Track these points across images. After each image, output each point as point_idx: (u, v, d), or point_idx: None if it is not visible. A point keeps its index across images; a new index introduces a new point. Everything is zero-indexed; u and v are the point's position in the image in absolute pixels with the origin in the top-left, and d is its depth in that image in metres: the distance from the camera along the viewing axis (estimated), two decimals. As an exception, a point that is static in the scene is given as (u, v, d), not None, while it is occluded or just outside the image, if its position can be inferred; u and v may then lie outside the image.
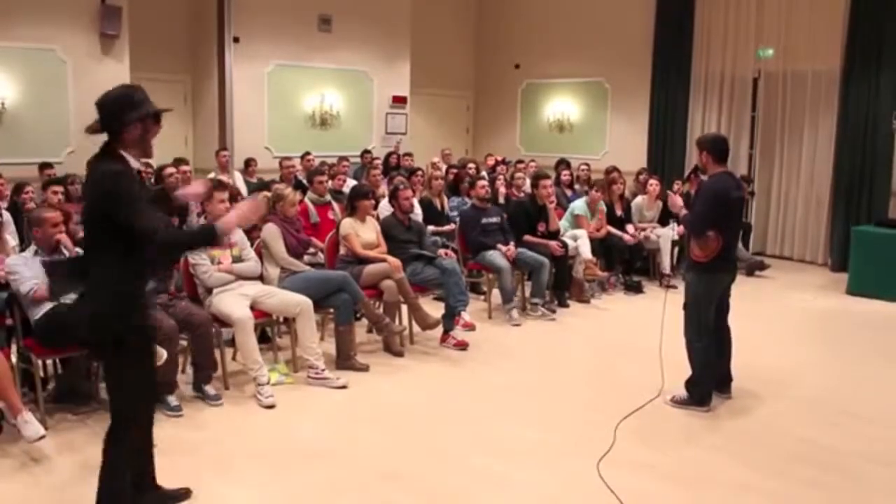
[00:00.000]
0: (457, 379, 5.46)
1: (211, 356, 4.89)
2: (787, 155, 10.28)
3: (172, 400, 4.67)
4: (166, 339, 4.50)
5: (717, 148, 4.80)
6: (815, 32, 9.76)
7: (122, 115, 2.99)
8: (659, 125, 11.33)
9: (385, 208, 6.99)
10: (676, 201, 5.24)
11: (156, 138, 3.16)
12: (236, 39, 10.15)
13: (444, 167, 10.08)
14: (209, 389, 4.83)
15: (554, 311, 7.11)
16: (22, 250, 5.04)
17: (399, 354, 5.86)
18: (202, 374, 4.88)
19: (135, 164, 3.06)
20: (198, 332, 4.82)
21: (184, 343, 4.91)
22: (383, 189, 8.39)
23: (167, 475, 3.87)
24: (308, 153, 9.96)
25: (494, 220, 7.16)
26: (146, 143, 3.08)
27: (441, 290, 6.30)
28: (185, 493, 3.62)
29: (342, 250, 6.03)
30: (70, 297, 3.88)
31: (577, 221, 7.93)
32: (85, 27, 8.94)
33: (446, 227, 7.67)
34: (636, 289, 8.12)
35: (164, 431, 4.33)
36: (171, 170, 7.30)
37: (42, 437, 3.95)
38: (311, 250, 6.18)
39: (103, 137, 3.06)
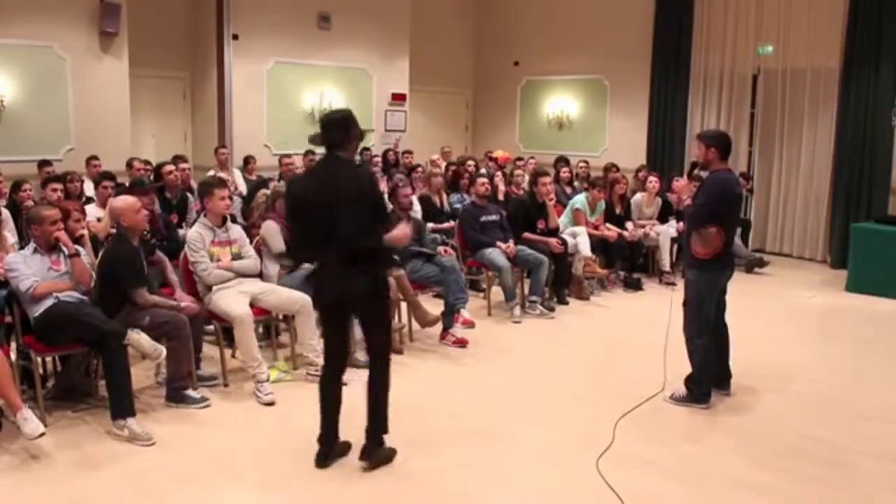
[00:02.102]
0: (456, 376, 5.46)
1: (189, 363, 4.77)
2: (787, 152, 10.27)
3: (194, 393, 4.70)
4: (174, 330, 4.52)
5: (724, 144, 4.78)
6: (814, 29, 9.76)
7: (350, 132, 3.86)
8: (658, 122, 11.32)
9: (384, 206, 6.98)
10: (682, 187, 5.18)
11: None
12: (235, 37, 10.14)
13: (443, 164, 10.09)
14: (192, 393, 4.73)
15: (553, 309, 7.11)
16: (21, 248, 5.03)
17: (398, 352, 5.85)
18: (183, 382, 4.73)
19: None
20: (175, 338, 4.60)
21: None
22: (383, 187, 8.39)
23: (166, 471, 3.89)
24: (310, 151, 9.94)
25: (493, 217, 7.16)
26: (353, 155, 3.99)
27: (440, 288, 6.30)
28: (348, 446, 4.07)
29: (341, 248, 6.02)
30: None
31: (575, 217, 7.92)
32: (84, 24, 8.93)
33: (445, 225, 7.67)
34: (636, 286, 8.13)
35: (163, 428, 4.35)
36: (170, 167, 7.30)
37: (42, 435, 3.95)
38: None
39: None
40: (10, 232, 5.89)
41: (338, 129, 3.84)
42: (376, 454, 3.97)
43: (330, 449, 3.98)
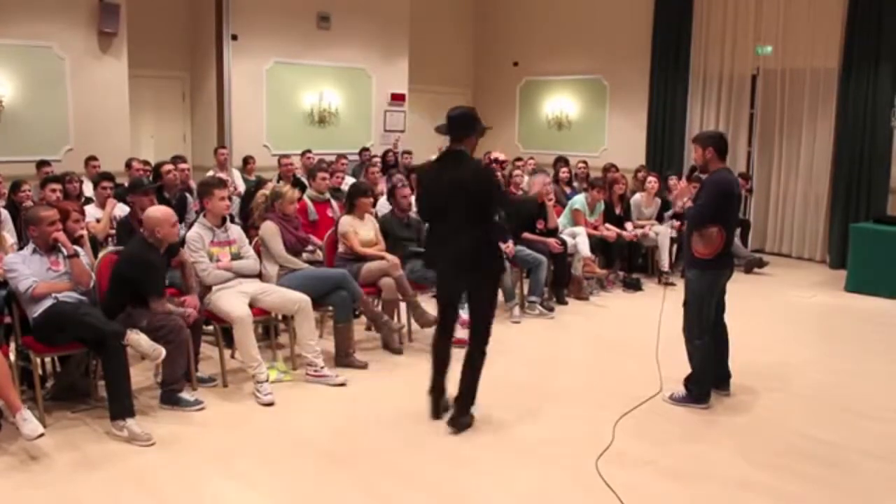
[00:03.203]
0: (455, 376, 5.44)
1: (185, 366, 4.75)
2: (786, 152, 10.28)
3: (188, 396, 4.70)
4: (170, 334, 4.51)
5: (719, 144, 4.79)
6: (813, 30, 9.76)
7: (473, 127, 4.28)
8: (657, 122, 11.33)
9: (384, 206, 6.99)
10: (682, 189, 5.19)
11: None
12: (235, 37, 10.14)
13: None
14: (186, 396, 4.72)
15: (552, 309, 7.11)
16: (20, 248, 5.03)
17: (398, 352, 5.86)
18: (177, 385, 4.71)
19: None
20: (172, 342, 4.55)
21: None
22: (382, 187, 8.39)
23: (165, 471, 3.89)
24: (308, 151, 9.95)
25: (493, 217, 7.14)
26: (474, 150, 4.32)
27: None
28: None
29: (341, 248, 6.03)
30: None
31: (574, 217, 7.92)
32: (83, 24, 8.93)
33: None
34: (635, 286, 8.13)
35: (163, 428, 4.35)
36: (168, 167, 7.29)
37: (41, 435, 3.94)
38: (310, 248, 6.18)
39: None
40: (9, 232, 5.89)
41: (460, 124, 4.26)
42: (462, 422, 4.41)
43: (441, 397, 4.52)
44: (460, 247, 4.23)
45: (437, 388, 4.53)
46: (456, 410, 4.43)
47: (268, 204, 5.75)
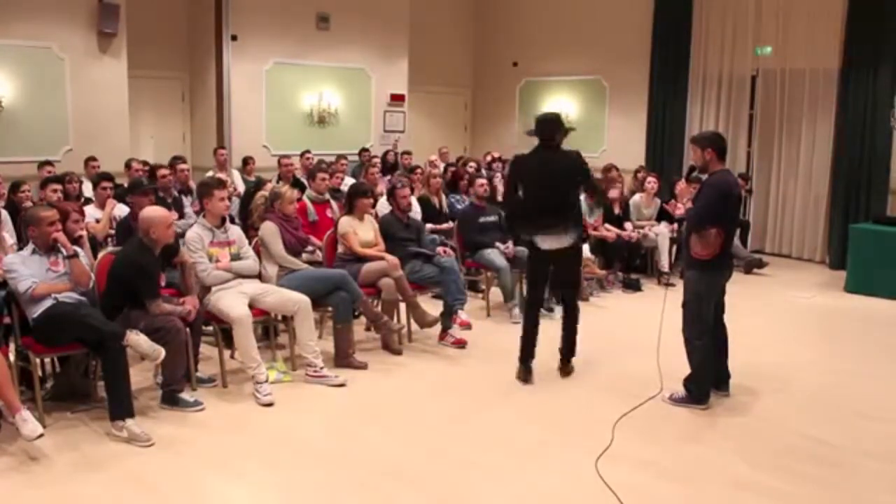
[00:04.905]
0: (455, 377, 5.46)
1: (184, 367, 4.75)
2: (786, 153, 10.28)
3: (187, 396, 4.69)
4: (168, 336, 4.51)
5: (719, 145, 4.79)
6: (813, 31, 9.76)
7: (560, 129, 5.21)
8: (657, 123, 11.32)
9: (383, 206, 6.99)
10: (682, 190, 5.20)
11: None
12: (234, 37, 10.14)
13: (442, 165, 10.09)
14: (186, 397, 4.71)
15: (552, 310, 7.08)
16: (20, 248, 5.02)
17: (397, 352, 5.86)
18: (177, 385, 4.71)
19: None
20: (170, 343, 4.53)
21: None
22: (382, 187, 8.39)
23: (165, 472, 3.88)
24: (307, 151, 9.95)
25: (492, 218, 7.16)
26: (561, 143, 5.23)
27: (439, 289, 6.30)
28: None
29: (340, 248, 6.03)
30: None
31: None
32: (83, 25, 8.93)
33: (444, 226, 7.67)
34: (635, 287, 8.13)
35: (162, 429, 4.35)
36: (164, 171, 7.29)
37: (40, 436, 3.94)
38: (310, 248, 6.18)
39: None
40: (8, 233, 5.89)
41: (553, 126, 5.19)
42: (567, 369, 5.41)
43: (531, 359, 5.27)
44: (560, 222, 5.07)
45: (529, 355, 5.28)
46: (564, 361, 5.40)
47: (267, 204, 5.75)
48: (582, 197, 8.05)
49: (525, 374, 5.28)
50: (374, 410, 4.77)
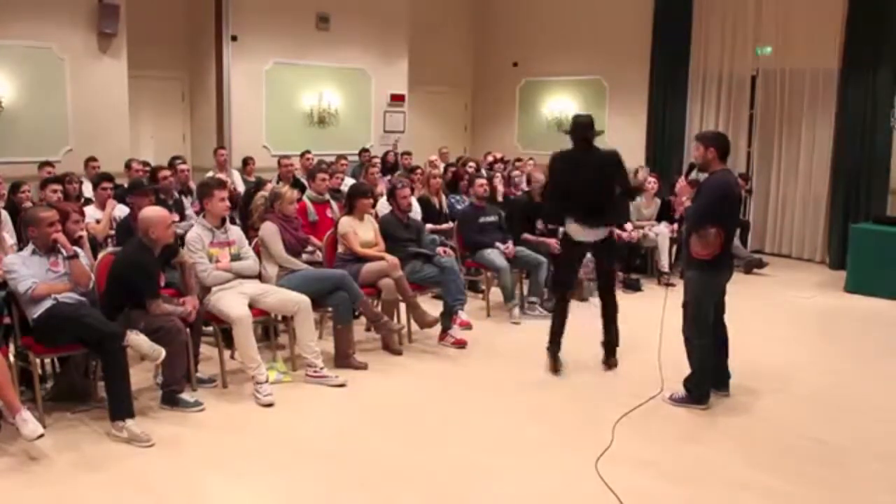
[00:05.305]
0: (455, 377, 5.46)
1: (183, 368, 4.75)
2: (786, 153, 10.27)
3: (188, 397, 4.69)
4: (168, 336, 4.51)
5: (722, 145, 4.79)
6: (813, 31, 9.75)
7: (592, 129, 5.49)
8: (657, 123, 11.31)
9: (383, 207, 6.99)
10: (681, 188, 5.18)
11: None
12: (234, 37, 10.14)
13: (442, 165, 10.09)
14: (186, 397, 4.71)
15: (552, 310, 7.09)
16: (20, 249, 5.02)
17: (397, 353, 5.86)
18: (177, 386, 4.71)
19: None
20: (170, 343, 4.53)
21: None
22: (382, 188, 8.39)
23: (165, 472, 3.89)
24: (307, 151, 9.95)
25: (492, 218, 7.16)
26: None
27: (439, 289, 6.30)
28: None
29: (340, 249, 6.03)
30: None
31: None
32: (83, 25, 8.93)
33: (444, 226, 7.67)
34: (635, 287, 8.13)
35: (163, 429, 4.35)
36: (165, 172, 7.28)
37: (40, 436, 3.95)
38: (310, 249, 6.18)
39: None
40: (8, 233, 5.88)
41: (587, 127, 5.48)
42: (611, 361, 5.61)
43: (559, 349, 5.52)
44: (599, 215, 5.39)
45: (558, 345, 5.53)
46: (609, 353, 5.63)
47: (267, 205, 5.75)
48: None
49: (555, 363, 5.51)
50: (374, 410, 4.77)
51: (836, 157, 9.66)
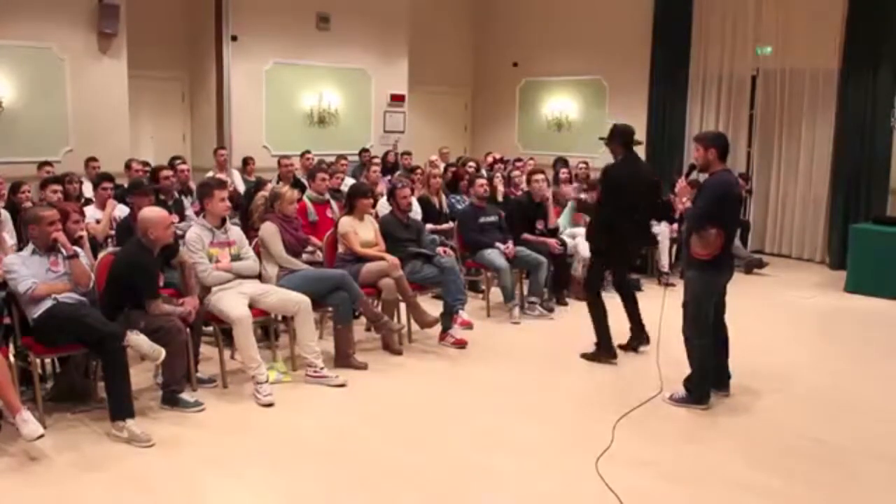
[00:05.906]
0: (455, 377, 5.46)
1: (183, 368, 4.75)
2: (786, 153, 10.28)
3: (188, 397, 4.69)
4: (168, 336, 4.51)
5: (722, 145, 4.79)
6: (813, 31, 9.75)
7: (634, 137, 5.75)
8: (657, 123, 11.31)
9: (383, 207, 6.99)
10: (681, 189, 5.15)
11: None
12: (234, 38, 10.14)
13: (442, 165, 10.09)
14: (186, 397, 4.70)
15: (552, 310, 7.11)
16: (20, 249, 5.02)
17: (398, 353, 5.86)
18: (177, 386, 4.71)
19: None
20: (170, 343, 4.53)
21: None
22: (382, 188, 8.39)
23: (165, 472, 3.89)
24: (307, 151, 9.95)
25: (492, 218, 7.16)
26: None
27: (439, 289, 6.30)
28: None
29: (341, 249, 6.03)
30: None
31: (574, 217, 7.93)
32: (83, 25, 8.94)
33: (444, 226, 7.67)
34: (635, 287, 8.09)
35: (163, 429, 4.35)
36: (166, 172, 7.28)
37: (40, 436, 3.95)
38: (310, 249, 6.18)
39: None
40: (8, 233, 5.89)
41: (631, 135, 5.69)
42: (644, 336, 5.90)
43: (611, 345, 5.76)
44: (642, 223, 5.98)
45: (609, 341, 5.77)
46: (636, 336, 5.94)
47: (267, 205, 5.75)
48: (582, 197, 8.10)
49: (611, 354, 5.76)
50: (374, 410, 4.77)
51: (836, 157, 9.66)
